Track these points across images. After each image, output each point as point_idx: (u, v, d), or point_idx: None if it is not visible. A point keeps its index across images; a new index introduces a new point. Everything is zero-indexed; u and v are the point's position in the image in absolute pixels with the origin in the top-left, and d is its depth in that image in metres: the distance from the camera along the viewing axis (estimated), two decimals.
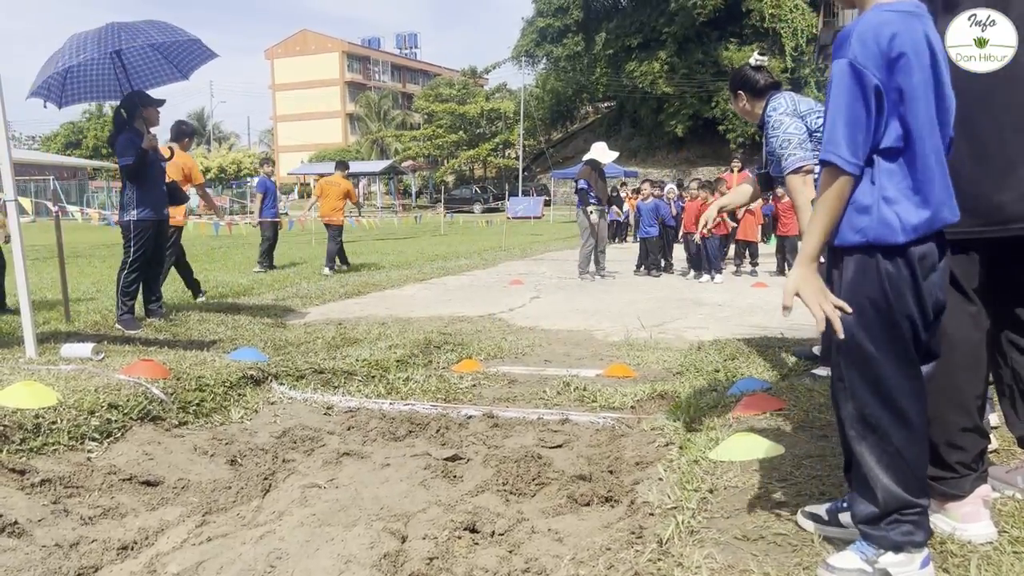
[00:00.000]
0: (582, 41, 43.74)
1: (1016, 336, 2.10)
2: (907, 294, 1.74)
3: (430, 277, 10.45)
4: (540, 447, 3.34)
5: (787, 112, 3.79)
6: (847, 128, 1.68)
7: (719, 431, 3.03)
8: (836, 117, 1.69)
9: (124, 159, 5.70)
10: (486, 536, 2.45)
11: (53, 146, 61.44)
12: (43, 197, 31.54)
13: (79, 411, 3.22)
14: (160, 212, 5.91)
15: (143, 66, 6.06)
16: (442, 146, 50.38)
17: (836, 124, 1.69)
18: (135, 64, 5.99)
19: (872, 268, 1.74)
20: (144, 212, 5.78)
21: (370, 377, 4.56)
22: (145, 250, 5.83)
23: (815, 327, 1.82)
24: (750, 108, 3.93)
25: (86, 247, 14.69)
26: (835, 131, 1.69)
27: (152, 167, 5.81)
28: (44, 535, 2.41)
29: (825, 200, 1.73)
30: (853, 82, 1.67)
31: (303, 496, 2.82)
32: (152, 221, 5.83)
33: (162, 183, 6.00)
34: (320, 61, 69.27)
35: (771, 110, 3.83)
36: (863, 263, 1.75)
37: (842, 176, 1.70)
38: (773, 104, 3.83)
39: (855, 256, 1.76)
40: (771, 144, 3.82)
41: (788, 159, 3.70)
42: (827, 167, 1.72)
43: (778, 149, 3.75)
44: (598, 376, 4.69)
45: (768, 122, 3.83)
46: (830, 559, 1.85)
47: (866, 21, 1.67)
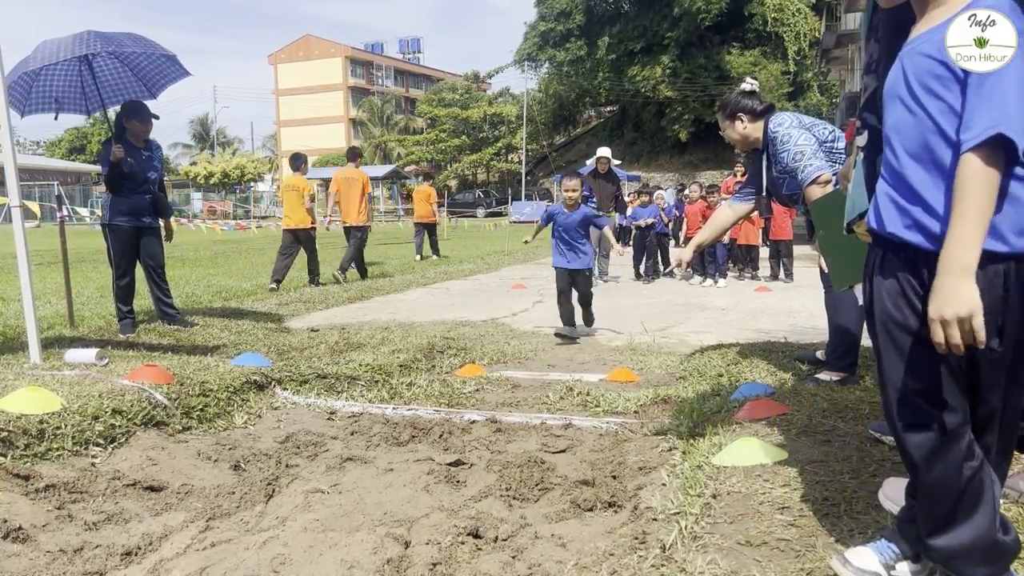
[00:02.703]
0: (585, 45, 43.81)
1: None
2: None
3: (433, 282, 10.45)
4: (543, 452, 3.34)
5: (794, 126, 3.78)
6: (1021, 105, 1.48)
7: (722, 436, 3.02)
8: (1009, 94, 1.48)
9: (103, 168, 5.83)
10: (489, 541, 2.45)
11: (58, 151, 61.66)
12: (48, 202, 31.68)
13: (83, 416, 3.23)
14: (138, 219, 5.88)
15: (111, 80, 6.00)
16: (445, 150, 50.50)
17: (1012, 101, 1.48)
18: (103, 77, 5.92)
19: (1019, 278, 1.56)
20: (118, 218, 5.81)
21: (373, 382, 4.56)
22: (124, 255, 5.86)
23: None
24: (749, 132, 3.91)
25: (90, 252, 14.71)
26: (1011, 108, 1.47)
27: (131, 177, 5.78)
28: (48, 540, 2.42)
29: (988, 188, 1.50)
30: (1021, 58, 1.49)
31: (306, 501, 2.82)
32: (128, 228, 5.84)
33: (144, 192, 5.91)
34: (323, 66, 69.42)
35: (776, 127, 3.81)
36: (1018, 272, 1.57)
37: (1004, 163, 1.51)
38: (777, 121, 3.82)
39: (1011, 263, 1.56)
40: (782, 160, 3.79)
41: (805, 170, 3.68)
42: (991, 147, 1.49)
43: (791, 163, 3.73)
44: (601, 381, 4.69)
45: (775, 139, 3.80)
46: (847, 552, 1.83)
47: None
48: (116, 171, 5.71)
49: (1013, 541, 1.67)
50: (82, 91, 5.92)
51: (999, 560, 1.67)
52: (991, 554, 1.65)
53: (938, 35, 1.59)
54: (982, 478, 1.63)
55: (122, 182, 5.77)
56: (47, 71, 5.60)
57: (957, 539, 1.65)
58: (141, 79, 6.06)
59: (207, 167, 52.75)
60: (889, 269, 1.70)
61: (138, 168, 5.81)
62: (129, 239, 5.87)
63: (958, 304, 1.50)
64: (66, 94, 5.87)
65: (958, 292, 1.50)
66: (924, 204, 1.61)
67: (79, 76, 5.83)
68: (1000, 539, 1.65)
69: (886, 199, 1.70)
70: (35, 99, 5.74)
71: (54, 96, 5.80)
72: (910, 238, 1.64)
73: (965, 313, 1.49)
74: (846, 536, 2.04)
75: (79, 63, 5.69)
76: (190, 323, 6.19)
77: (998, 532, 1.64)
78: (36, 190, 34.33)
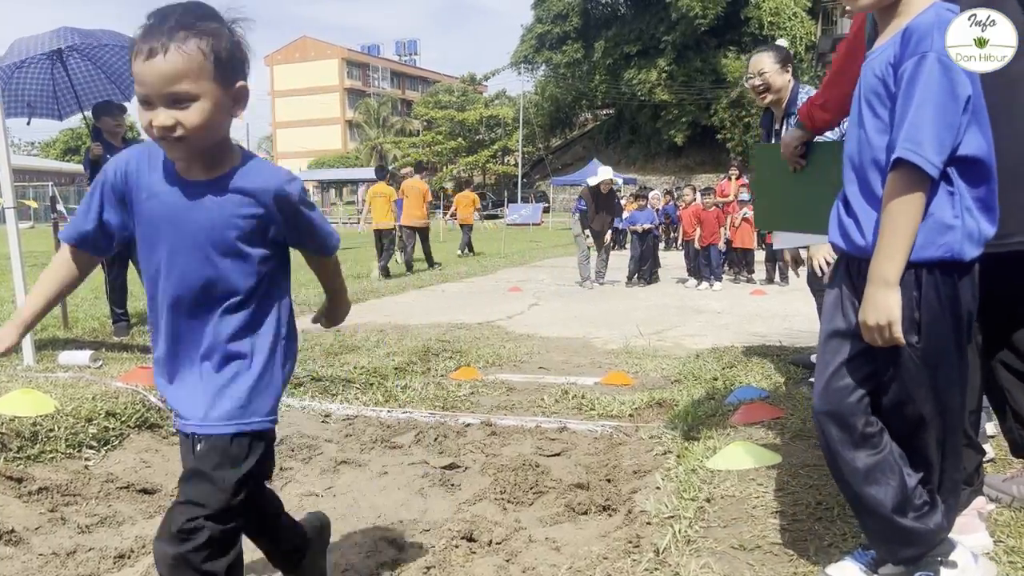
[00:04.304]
0: (581, 48, 43.87)
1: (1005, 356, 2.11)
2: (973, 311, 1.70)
3: (429, 284, 10.46)
4: (538, 455, 3.34)
5: None
6: (936, 128, 1.53)
7: (717, 440, 3.03)
8: (921, 115, 1.54)
9: (85, 169, 5.83)
10: (484, 545, 2.45)
11: (52, 152, 61.48)
12: (42, 203, 31.57)
13: (77, 419, 3.22)
14: None
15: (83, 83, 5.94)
16: (441, 153, 50.50)
17: (922, 123, 1.54)
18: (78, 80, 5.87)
19: (950, 284, 1.64)
20: None
21: (368, 385, 4.56)
22: (115, 257, 5.82)
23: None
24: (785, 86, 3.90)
25: None
26: (920, 130, 1.54)
27: None
28: (41, 543, 2.41)
29: (907, 209, 1.58)
30: (944, 78, 1.53)
31: (300, 505, 2.82)
32: None
33: None
34: (319, 68, 69.43)
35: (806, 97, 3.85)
36: (947, 279, 1.64)
37: (923, 182, 1.56)
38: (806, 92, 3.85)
39: (935, 272, 1.63)
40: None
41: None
42: (904, 170, 1.56)
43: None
44: (596, 384, 4.69)
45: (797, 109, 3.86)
46: (828, 568, 1.85)
47: (941, 18, 1.57)
48: (97, 169, 5.71)
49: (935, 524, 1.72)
50: (54, 95, 5.86)
51: (914, 544, 1.72)
52: (905, 538, 1.71)
53: (887, 50, 1.64)
54: (882, 466, 1.71)
55: None
56: (19, 73, 5.56)
57: (868, 524, 1.77)
58: (113, 80, 6.00)
59: None
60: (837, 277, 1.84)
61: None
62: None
63: (878, 313, 1.62)
64: (38, 98, 5.83)
65: (879, 302, 1.62)
66: (855, 218, 1.72)
67: (51, 79, 5.78)
68: (906, 524, 1.70)
69: (835, 210, 1.82)
70: (8, 103, 5.66)
71: (26, 100, 5.75)
72: (841, 244, 1.78)
73: (884, 321, 1.62)
74: (839, 540, 2.04)
75: (52, 64, 5.63)
76: None
77: (900, 518, 1.69)
78: (30, 191, 34.23)
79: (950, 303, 1.65)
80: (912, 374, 1.68)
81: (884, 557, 1.77)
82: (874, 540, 1.79)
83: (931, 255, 1.62)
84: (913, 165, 1.54)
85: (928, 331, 1.66)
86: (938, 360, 1.68)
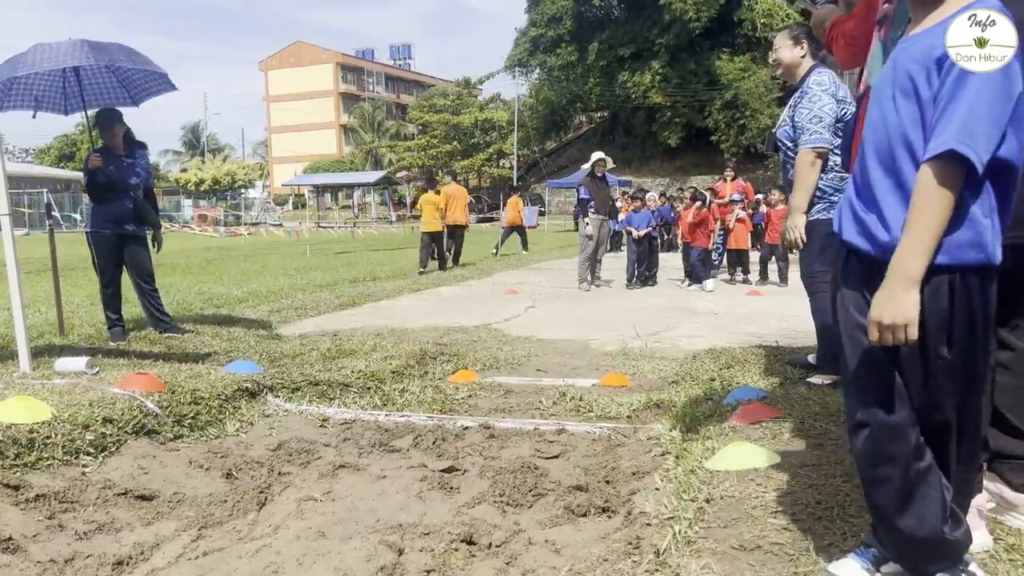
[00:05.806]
0: (575, 51, 43.92)
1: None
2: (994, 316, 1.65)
3: (425, 287, 10.45)
4: (536, 458, 3.34)
5: (828, 91, 3.86)
6: (988, 124, 1.49)
7: (715, 440, 3.03)
8: (977, 109, 1.48)
9: (83, 176, 5.84)
10: (483, 548, 2.45)
11: (47, 159, 61.31)
12: (37, 210, 31.49)
13: (73, 425, 3.21)
14: (121, 227, 5.82)
15: (96, 85, 5.97)
16: (436, 156, 50.49)
17: (979, 117, 1.48)
18: (87, 81, 5.89)
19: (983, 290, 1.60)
20: (100, 226, 5.78)
21: (365, 389, 4.55)
22: (109, 263, 5.83)
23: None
24: (800, 62, 3.95)
25: (80, 260, 14.60)
26: (977, 123, 1.48)
27: (110, 185, 5.74)
28: (39, 551, 2.40)
29: (945, 205, 1.51)
30: (1002, 75, 1.49)
31: (299, 509, 2.81)
32: (109, 235, 5.80)
33: (126, 200, 5.84)
34: (314, 72, 69.42)
35: (815, 83, 3.88)
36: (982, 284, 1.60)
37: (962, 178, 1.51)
38: (819, 77, 3.88)
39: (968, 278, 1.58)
40: (800, 114, 3.87)
41: (812, 134, 3.75)
42: (948, 163, 1.50)
43: (806, 122, 3.80)
44: (594, 386, 4.69)
45: (808, 92, 3.88)
46: (830, 566, 1.85)
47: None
48: (94, 179, 5.72)
49: (963, 535, 1.70)
50: (63, 92, 5.90)
51: (949, 557, 1.70)
52: (941, 552, 1.68)
53: (927, 40, 1.59)
54: (928, 479, 1.66)
55: (102, 190, 5.75)
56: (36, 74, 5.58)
57: (905, 536, 1.68)
58: (126, 87, 6.04)
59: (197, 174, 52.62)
60: (851, 279, 1.73)
61: (118, 175, 5.77)
62: (112, 247, 5.83)
63: (896, 311, 1.54)
64: (46, 93, 5.86)
65: (898, 300, 1.54)
66: (879, 212, 1.64)
67: (63, 78, 5.81)
68: (949, 537, 1.67)
69: (847, 204, 1.74)
70: (15, 96, 5.69)
71: (34, 95, 5.77)
72: (861, 245, 1.68)
73: (901, 321, 1.54)
74: (839, 539, 2.04)
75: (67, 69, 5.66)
76: (184, 330, 6.15)
77: (946, 531, 1.66)
78: (25, 197, 34.13)
79: (982, 309, 1.61)
80: (940, 383, 1.63)
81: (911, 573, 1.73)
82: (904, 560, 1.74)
83: (969, 259, 1.56)
84: (963, 159, 1.48)
85: (961, 340, 1.60)
86: (967, 369, 1.63)
